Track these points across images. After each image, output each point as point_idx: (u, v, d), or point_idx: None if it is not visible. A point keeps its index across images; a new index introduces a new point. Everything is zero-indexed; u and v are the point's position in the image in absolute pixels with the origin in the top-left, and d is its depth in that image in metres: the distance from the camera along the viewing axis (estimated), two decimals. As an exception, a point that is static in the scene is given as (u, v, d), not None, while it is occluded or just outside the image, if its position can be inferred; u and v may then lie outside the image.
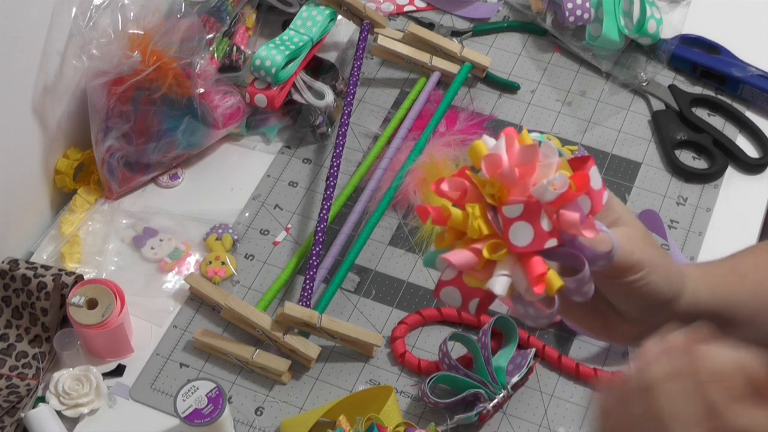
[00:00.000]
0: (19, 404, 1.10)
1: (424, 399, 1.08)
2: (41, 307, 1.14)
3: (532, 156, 0.68)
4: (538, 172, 0.68)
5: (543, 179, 0.67)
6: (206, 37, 1.26)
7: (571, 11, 1.35)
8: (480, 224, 0.68)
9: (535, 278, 0.67)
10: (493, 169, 0.68)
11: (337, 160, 1.23)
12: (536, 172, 0.68)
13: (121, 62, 1.19)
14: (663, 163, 1.30)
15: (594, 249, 0.70)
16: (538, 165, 0.68)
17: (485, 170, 0.68)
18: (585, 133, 1.33)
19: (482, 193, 0.69)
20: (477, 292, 0.70)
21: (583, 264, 0.69)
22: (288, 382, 1.13)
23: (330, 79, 1.33)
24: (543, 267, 0.67)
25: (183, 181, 1.30)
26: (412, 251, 1.22)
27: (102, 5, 1.19)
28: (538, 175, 0.68)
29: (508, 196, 0.68)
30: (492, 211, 0.69)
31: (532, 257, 0.67)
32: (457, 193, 0.69)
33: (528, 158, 0.68)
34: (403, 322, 1.16)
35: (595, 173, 0.70)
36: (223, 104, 1.27)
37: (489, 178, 0.68)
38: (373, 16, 1.36)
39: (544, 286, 0.67)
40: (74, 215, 1.24)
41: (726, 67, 1.35)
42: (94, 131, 1.23)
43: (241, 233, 1.24)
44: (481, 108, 1.35)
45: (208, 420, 1.03)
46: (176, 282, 1.21)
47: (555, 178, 0.67)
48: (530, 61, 1.40)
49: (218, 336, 1.15)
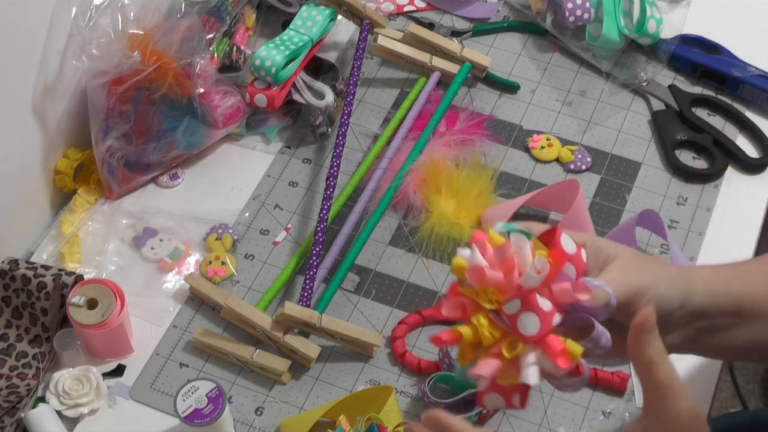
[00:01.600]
0: (19, 404, 1.10)
1: (424, 399, 1.08)
2: (41, 307, 1.14)
3: (506, 253, 0.74)
4: (518, 263, 0.74)
5: (525, 268, 0.73)
6: (206, 37, 1.26)
7: (571, 11, 1.35)
8: (490, 331, 0.74)
9: (557, 355, 0.72)
10: (479, 279, 0.74)
11: (337, 160, 1.23)
12: (516, 264, 0.74)
13: (121, 62, 1.19)
14: (663, 163, 1.30)
15: (595, 305, 0.74)
16: (515, 257, 0.74)
17: (473, 282, 0.74)
18: (585, 133, 1.33)
19: (479, 302, 0.74)
20: (514, 389, 0.75)
21: (593, 322, 0.73)
22: (288, 382, 1.13)
23: (330, 79, 1.33)
24: (560, 343, 0.73)
25: (183, 181, 1.30)
26: (412, 251, 1.22)
27: (102, 5, 1.19)
28: (519, 266, 0.74)
29: (502, 296, 0.74)
30: (494, 314, 0.75)
31: (547, 338, 0.73)
32: (459, 312, 0.75)
33: (504, 256, 0.74)
34: (403, 322, 1.16)
35: (566, 241, 0.75)
36: (223, 104, 1.27)
37: (479, 287, 0.74)
38: (373, 16, 1.36)
39: (567, 358, 0.72)
40: (74, 215, 1.25)
41: (726, 67, 1.35)
42: (94, 131, 1.23)
43: (241, 233, 1.24)
44: (481, 108, 1.35)
45: (208, 420, 1.03)
46: (176, 282, 1.21)
47: (535, 264, 0.73)
48: (530, 61, 1.40)
49: (218, 336, 1.15)
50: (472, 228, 1.22)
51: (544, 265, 0.73)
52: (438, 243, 1.22)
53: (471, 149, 1.28)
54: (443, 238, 1.22)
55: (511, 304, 0.73)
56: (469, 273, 0.75)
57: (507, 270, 0.74)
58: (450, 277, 1.20)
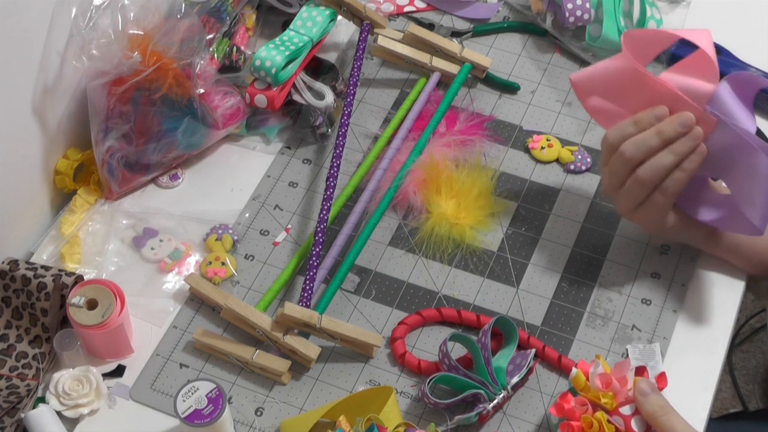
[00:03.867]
0: (19, 405, 1.10)
1: (424, 399, 1.08)
2: (41, 307, 1.14)
3: (624, 369, 1.02)
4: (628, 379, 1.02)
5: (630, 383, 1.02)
6: (206, 38, 1.26)
7: (571, 12, 1.35)
8: (611, 428, 1.00)
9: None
10: (605, 384, 1.02)
11: (337, 160, 1.23)
12: (628, 379, 1.02)
13: (121, 63, 1.19)
14: (663, 163, 1.30)
15: None
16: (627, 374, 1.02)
17: (600, 386, 1.02)
18: (585, 133, 1.33)
19: (601, 404, 1.01)
20: None
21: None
22: (288, 383, 1.13)
23: (330, 80, 1.33)
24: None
25: (183, 181, 1.30)
26: (412, 251, 1.22)
27: (102, 5, 1.19)
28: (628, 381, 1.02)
29: (615, 401, 1.01)
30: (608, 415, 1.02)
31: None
32: (584, 408, 1.02)
33: (622, 371, 1.02)
34: (403, 323, 1.16)
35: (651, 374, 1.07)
36: (223, 105, 1.27)
37: (602, 391, 1.02)
38: (373, 17, 1.36)
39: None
40: (74, 216, 1.25)
41: (726, 67, 1.34)
42: (94, 131, 1.23)
43: (241, 234, 1.24)
44: (481, 108, 1.35)
45: (208, 420, 1.03)
46: (176, 282, 1.21)
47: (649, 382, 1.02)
48: (530, 62, 1.40)
49: (218, 336, 1.15)
50: (471, 229, 1.22)
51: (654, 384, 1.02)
52: (438, 243, 1.22)
53: (471, 150, 1.28)
54: (443, 239, 1.22)
55: (626, 407, 1.01)
56: (599, 378, 1.02)
57: (622, 382, 1.02)
58: (450, 277, 1.20)
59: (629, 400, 1.01)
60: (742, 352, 2.09)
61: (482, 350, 1.08)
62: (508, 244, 1.23)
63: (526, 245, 1.23)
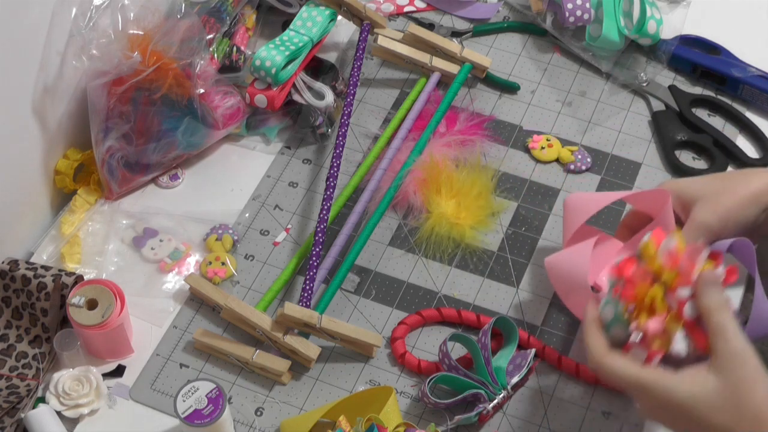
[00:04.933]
0: (19, 405, 1.10)
1: (424, 399, 1.08)
2: (41, 307, 1.14)
3: (698, 251, 0.94)
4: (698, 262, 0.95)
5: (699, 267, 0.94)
6: (206, 38, 1.26)
7: (571, 12, 1.35)
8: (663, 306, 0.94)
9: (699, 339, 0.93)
10: (672, 261, 0.94)
11: (337, 160, 1.23)
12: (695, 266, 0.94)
13: (121, 63, 1.19)
14: (663, 163, 1.30)
15: None
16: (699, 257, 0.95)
17: (667, 262, 0.94)
18: (585, 133, 1.33)
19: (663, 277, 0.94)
20: (658, 352, 0.93)
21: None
22: (288, 383, 1.13)
23: (330, 80, 1.33)
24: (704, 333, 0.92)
25: (183, 181, 1.30)
26: (412, 251, 1.22)
27: (102, 5, 1.19)
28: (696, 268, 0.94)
29: (678, 281, 0.93)
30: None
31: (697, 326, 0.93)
32: (645, 277, 0.95)
33: (695, 253, 0.94)
34: (403, 323, 1.16)
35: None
36: (223, 105, 1.27)
37: (668, 267, 0.94)
38: (373, 17, 1.36)
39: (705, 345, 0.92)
40: (74, 216, 1.25)
41: (726, 67, 1.35)
42: (94, 131, 1.23)
43: (241, 234, 1.24)
44: (481, 108, 1.35)
45: (208, 420, 1.03)
46: (176, 282, 1.21)
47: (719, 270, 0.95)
48: (530, 62, 1.40)
49: (218, 336, 1.15)
50: (471, 229, 1.22)
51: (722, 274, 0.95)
52: (438, 243, 1.22)
53: (471, 150, 1.28)
54: (443, 239, 1.22)
55: (684, 289, 0.93)
56: (668, 254, 0.94)
57: (691, 265, 0.94)
58: (450, 277, 1.20)
59: (690, 284, 0.94)
60: (742, 352, 2.08)
61: (482, 350, 1.08)
62: (508, 244, 1.23)
63: (526, 245, 1.23)
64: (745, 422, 0.87)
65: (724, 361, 0.89)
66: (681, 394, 0.89)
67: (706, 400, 0.89)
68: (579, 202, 1.15)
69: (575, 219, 1.13)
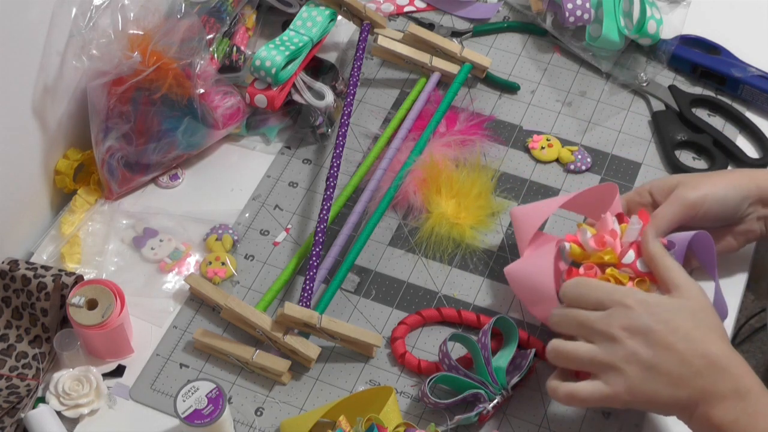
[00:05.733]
0: (19, 405, 1.10)
1: (424, 399, 1.08)
2: (41, 307, 1.14)
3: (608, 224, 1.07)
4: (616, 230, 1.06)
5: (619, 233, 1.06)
6: (206, 38, 1.26)
7: (571, 12, 1.35)
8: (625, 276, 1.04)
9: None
10: (600, 244, 1.05)
11: (337, 160, 1.23)
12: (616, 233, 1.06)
13: (121, 63, 1.19)
14: (663, 163, 1.30)
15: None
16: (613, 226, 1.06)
17: (597, 247, 1.05)
18: (585, 133, 1.33)
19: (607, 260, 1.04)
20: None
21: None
22: (288, 383, 1.13)
23: (330, 80, 1.33)
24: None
25: (183, 181, 1.30)
26: (412, 251, 1.22)
27: (102, 5, 1.19)
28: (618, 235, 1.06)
29: (616, 254, 1.05)
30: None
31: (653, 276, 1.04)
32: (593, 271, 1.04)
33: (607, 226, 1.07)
34: (403, 323, 1.16)
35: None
36: (223, 105, 1.27)
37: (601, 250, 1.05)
38: (373, 17, 1.36)
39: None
40: (74, 216, 1.25)
41: (726, 67, 1.35)
42: (94, 131, 1.23)
43: (241, 234, 1.24)
44: (481, 108, 1.35)
45: (208, 420, 1.03)
46: (176, 282, 1.21)
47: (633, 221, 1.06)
48: (530, 62, 1.40)
49: (218, 336, 1.15)
50: (471, 229, 1.22)
51: (639, 221, 1.05)
52: (438, 243, 1.22)
53: (471, 150, 1.28)
54: (443, 239, 1.22)
55: (627, 256, 1.03)
56: (595, 240, 1.05)
57: (614, 234, 1.05)
58: (450, 277, 1.20)
59: (626, 249, 1.04)
60: (742, 352, 2.07)
61: (482, 350, 1.08)
62: (508, 244, 1.23)
63: (526, 245, 1.23)
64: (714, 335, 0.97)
65: (686, 291, 0.98)
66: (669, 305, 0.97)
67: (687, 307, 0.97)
68: (522, 216, 1.16)
69: (525, 231, 1.14)
